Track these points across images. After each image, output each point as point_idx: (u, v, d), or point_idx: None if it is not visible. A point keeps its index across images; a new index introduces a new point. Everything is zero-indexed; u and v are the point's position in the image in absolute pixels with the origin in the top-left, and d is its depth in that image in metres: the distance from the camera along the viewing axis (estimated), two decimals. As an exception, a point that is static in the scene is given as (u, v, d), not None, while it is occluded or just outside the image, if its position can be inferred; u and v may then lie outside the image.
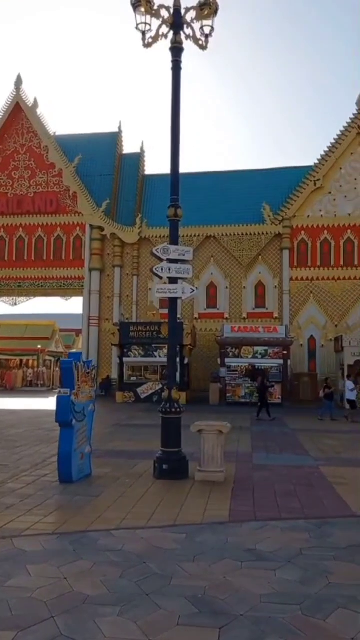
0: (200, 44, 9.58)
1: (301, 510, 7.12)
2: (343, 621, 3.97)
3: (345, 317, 29.25)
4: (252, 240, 30.29)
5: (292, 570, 4.97)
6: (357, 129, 29.82)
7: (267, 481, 8.80)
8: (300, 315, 29.73)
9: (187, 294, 9.71)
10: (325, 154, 30.12)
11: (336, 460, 11.08)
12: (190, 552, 5.45)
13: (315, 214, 30.21)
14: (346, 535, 6.02)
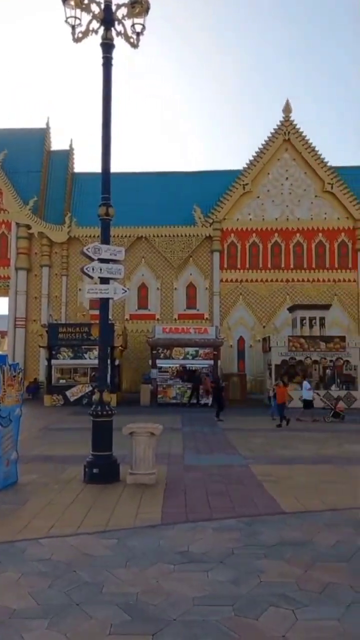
0: (132, 41, 9.48)
1: (232, 509, 7.19)
2: (274, 619, 4.01)
3: (273, 318, 30.08)
4: (183, 242, 30.50)
5: (224, 571, 4.98)
6: (283, 135, 30.75)
7: (198, 482, 8.82)
8: (230, 316, 30.26)
9: (119, 294, 9.58)
10: (253, 159, 30.84)
11: (265, 458, 11.31)
12: (121, 557, 5.34)
13: (244, 217, 30.87)
14: (276, 533, 6.12)
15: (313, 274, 30.40)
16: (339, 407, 19.23)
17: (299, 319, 26.52)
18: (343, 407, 19.56)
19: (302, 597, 4.40)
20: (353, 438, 14.60)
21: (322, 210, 30.77)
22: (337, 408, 19.15)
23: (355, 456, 11.61)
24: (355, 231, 30.33)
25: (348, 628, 3.88)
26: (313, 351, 25.08)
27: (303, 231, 30.65)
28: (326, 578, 4.79)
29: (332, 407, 19.37)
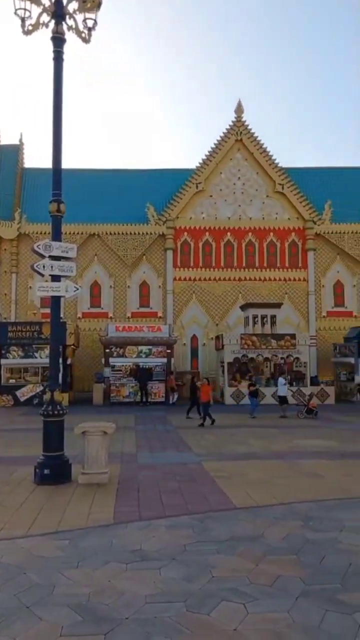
0: (83, 36, 9.37)
1: (185, 506, 7.23)
2: (226, 613, 4.06)
3: (226, 316, 30.41)
4: (137, 240, 30.40)
5: (177, 568, 5.00)
6: (235, 135, 31.12)
7: (151, 480, 8.83)
8: (183, 314, 30.39)
9: (71, 292, 9.46)
10: (206, 158, 31.07)
11: (217, 455, 11.43)
12: (73, 558, 5.28)
13: (197, 216, 31.06)
14: (227, 528, 6.20)
15: (265, 273, 30.91)
16: (312, 404, 19.73)
17: (251, 317, 26.94)
18: (316, 404, 20.06)
19: (253, 590, 4.48)
20: (303, 433, 14.95)
21: (273, 210, 31.32)
22: (310, 404, 19.63)
23: (305, 451, 11.90)
24: (305, 231, 31.03)
25: (297, 619, 3.97)
26: (265, 349, 25.53)
27: (255, 231, 31.11)
28: (276, 571, 4.89)
29: (306, 404, 19.82)
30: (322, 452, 11.79)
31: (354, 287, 31.21)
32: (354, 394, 25.88)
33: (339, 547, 5.53)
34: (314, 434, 14.75)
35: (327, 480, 8.88)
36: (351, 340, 26.90)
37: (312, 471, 9.62)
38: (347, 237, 30.96)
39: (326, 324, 30.81)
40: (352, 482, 8.76)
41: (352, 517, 6.62)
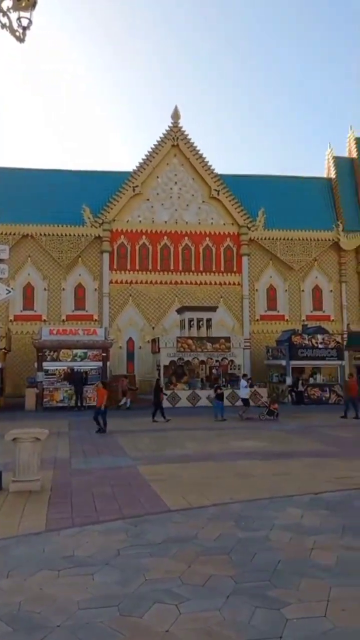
0: (17, 35, 9.17)
1: (119, 510, 7.22)
2: (159, 615, 4.10)
3: (162, 319, 30.55)
4: (72, 242, 30.00)
5: (110, 572, 5.00)
6: (172, 141, 31.40)
7: (85, 485, 8.75)
8: (119, 317, 30.27)
9: (3, 295, 9.24)
10: (143, 162, 31.15)
11: (153, 458, 11.47)
12: (4, 567, 5.16)
13: (134, 219, 31.06)
14: (162, 531, 6.25)
15: (201, 276, 31.32)
16: (273, 406, 20.09)
17: (187, 320, 27.20)
18: (277, 406, 20.52)
19: (186, 591, 4.55)
20: (237, 435, 15.25)
21: (209, 216, 31.82)
22: (272, 406, 19.99)
23: (238, 452, 12.16)
24: (239, 237, 31.71)
25: (228, 616, 4.07)
26: (200, 352, 25.84)
27: (191, 235, 31.49)
28: (209, 571, 4.99)
29: (267, 406, 20.19)
30: (254, 452, 12.09)
31: (285, 292, 32.20)
32: (285, 395, 26.64)
33: (269, 545, 5.71)
34: (248, 436, 15.09)
35: (259, 480, 9.12)
36: (283, 343, 27.69)
37: (245, 472, 9.85)
38: (280, 243, 31.92)
39: (259, 327, 31.59)
40: (283, 481, 9.05)
41: (282, 515, 6.85)
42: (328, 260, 32.72)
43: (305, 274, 32.48)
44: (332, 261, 32.75)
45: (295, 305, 32.22)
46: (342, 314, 32.36)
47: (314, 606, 4.22)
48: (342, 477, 9.23)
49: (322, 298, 32.64)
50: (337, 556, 5.34)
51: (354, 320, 32.25)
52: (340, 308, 32.48)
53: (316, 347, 26.80)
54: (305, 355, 26.60)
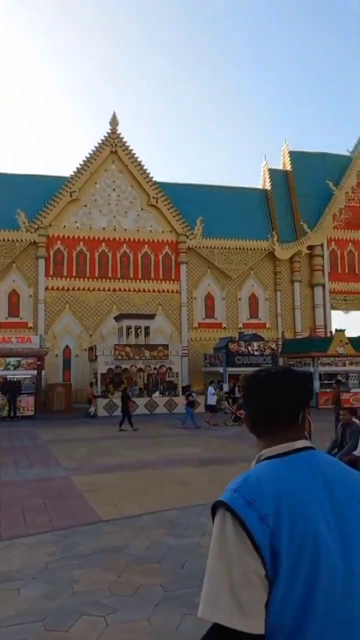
0: None
1: (49, 523, 7.04)
2: (85, 628, 4.02)
3: (100, 326, 30.24)
4: (5, 247, 29.21)
5: (37, 586, 4.86)
6: (110, 147, 31.28)
7: (15, 498, 8.47)
8: (55, 324, 29.70)
9: None
10: (81, 167, 30.84)
11: (87, 468, 11.28)
12: None
13: (72, 225, 30.66)
14: (92, 542, 6.14)
15: (139, 284, 31.28)
16: (239, 412, 20.18)
17: (125, 327, 27.08)
18: (242, 412, 20.42)
19: (114, 602, 4.48)
20: (174, 442, 15.28)
21: (147, 223, 31.87)
22: (238, 413, 20.13)
23: (174, 459, 12.17)
24: (178, 245, 31.94)
25: (156, 625, 4.05)
26: (138, 359, 25.77)
27: (129, 242, 31.42)
28: (138, 580, 4.94)
29: (233, 412, 20.38)
30: (190, 460, 12.14)
31: (223, 300, 32.68)
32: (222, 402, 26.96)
33: (200, 552, 5.72)
34: (185, 443, 15.14)
35: (194, 487, 9.16)
36: (220, 351, 28.09)
37: (180, 479, 9.87)
38: (217, 252, 32.40)
39: (197, 335, 31.87)
40: (217, 487, 9.08)
41: (214, 521, 6.88)
42: (264, 270, 33.51)
43: (241, 283, 33.11)
44: (268, 270, 33.58)
45: (232, 313, 32.76)
46: (277, 322, 33.19)
47: (241, 610, 4.25)
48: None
49: (258, 306, 33.36)
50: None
51: (288, 327, 33.16)
52: (275, 316, 33.31)
53: (252, 354, 27.36)
54: (241, 362, 27.08)
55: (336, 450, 8.50)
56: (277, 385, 1.46)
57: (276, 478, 1.30)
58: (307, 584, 1.20)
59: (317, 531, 1.23)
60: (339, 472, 1.37)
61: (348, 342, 28.42)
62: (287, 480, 1.29)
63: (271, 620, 1.20)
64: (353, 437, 8.31)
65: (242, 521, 1.22)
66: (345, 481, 1.35)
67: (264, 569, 1.20)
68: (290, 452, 1.38)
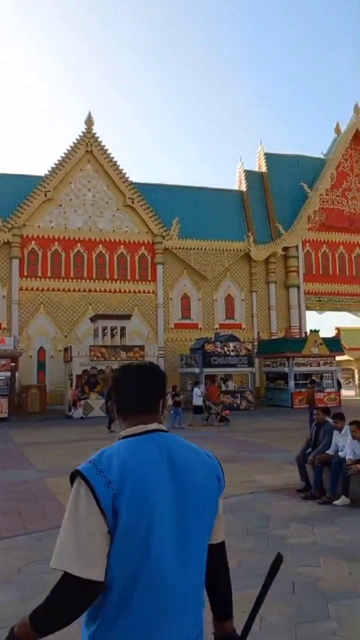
0: None
1: (22, 526, 6.95)
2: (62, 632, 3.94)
3: (75, 327, 30.01)
4: (-21, 247, 28.77)
5: (10, 591, 4.79)
6: (86, 147, 31.08)
7: (-12, 501, 8.35)
8: (30, 325, 29.38)
9: None
10: (55, 167, 30.58)
11: (61, 470, 11.12)
12: None
13: (46, 224, 30.37)
14: (66, 544, 6.07)
15: (115, 284, 31.14)
16: (225, 412, 20.42)
17: (101, 328, 26.93)
18: (229, 412, 20.93)
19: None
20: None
21: (123, 224, 31.77)
22: (224, 413, 20.32)
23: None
24: (154, 245, 31.90)
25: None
26: (114, 360, 25.62)
27: (105, 242, 31.27)
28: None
29: (219, 412, 20.41)
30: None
31: (199, 301, 32.76)
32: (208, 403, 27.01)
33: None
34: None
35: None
36: (196, 351, 28.14)
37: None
38: (193, 253, 32.47)
39: (174, 336, 31.88)
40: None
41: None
42: (240, 271, 33.70)
43: (218, 283, 33.23)
44: (244, 271, 33.77)
45: (209, 314, 32.86)
46: (252, 323, 33.40)
47: (215, 610, 4.26)
48: (247, 480, 9.47)
49: (234, 307, 33.53)
50: (240, 559, 5.45)
51: (264, 328, 33.41)
52: (251, 317, 33.52)
53: (228, 355, 27.47)
54: (217, 362, 27.19)
55: (310, 450, 8.60)
56: (136, 377, 1.72)
57: (126, 453, 1.55)
58: (141, 547, 1.45)
59: (155, 501, 1.49)
60: (182, 449, 1.65)
61: (322, 343, 28.80)
62: (136, 455, 1.55)
63: (111, 573, 1.44)
64: (326, 436, 8.42)
65: (91, 487, 1.46)
66: (186, 457, 1.63)
67: (107, 526, 1.44)
68: (143, 433, 1.63)
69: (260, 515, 7.12)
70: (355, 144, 37.26)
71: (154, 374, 1.75)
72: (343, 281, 35.61)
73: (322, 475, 8.10)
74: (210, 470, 1.68)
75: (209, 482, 1.65)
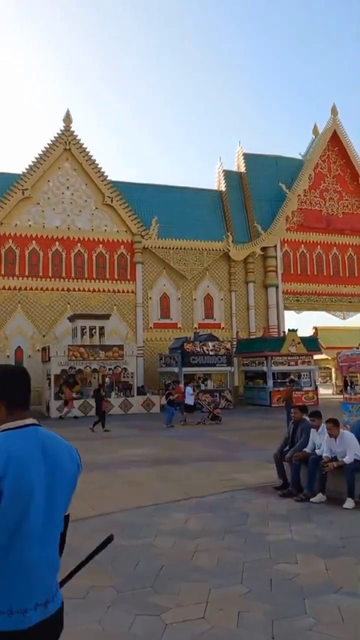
0: None
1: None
2: (34, 634, 3.93)
3: (53, 327, 29.75)
4: None
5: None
6: (64, 144, 30.84)
7: None
8: (7, 325, 29.03)
9: None
10: (33, 165, 30.27)
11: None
12: None
13: (24, 223, 30.05)
14: (44, 545, 6.01)
15: (93, 284, 30.96)
16: (216, 411, 20.62)
17: (79, 328, 26.75)
18: (220, 411, 21.14)
19: (65, 605, 4.39)
20: (128, 443, 15.20)
21: (102, 222, 31.59)
22: (215, 411, 20.52)
23: (127, 460, 12.12)
24: (133, 245, 31.79)
25: (107, 627, 4.01)
26: (93, 360, 25.50)
27: (84, 241, 31.05)
28: (90, 583, 4.88)
29: (211, 411, 20.66)
30: (144, 460, 12.11)
31: (178, 300, 32.76)
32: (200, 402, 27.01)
33: (152, 552, 5.71)
34: (138, 443, 15.10)
35: (146, 488, 9.14)
36: (175, 351, 28.13)
37: (133, 480, 9.83)
38: (172, 252, 32.45)
39: (153, 335, 31.82)
40: (170, 487, 9.13)
41: (167, 520, 6.90)
42: (219, 270, 33.80)
43: (197, 283, 33.27)
44: (223, 271, 33.88)
45: (188, 314, 32.88)
46: (231, 322, 33.52)
47: (193, 609, 4.28)
48: (225, 479, 9.51)
49: (213, 306, 33.61)
50: (218, 557, 5.47)
51: (243, 327, 33.56)
52: (230, 316, 33.63)
53: (207, 354, 27.53)
54: (196, 362, 27.22)
55: (288, 448, 8.67)
56: (14, 379, 2.09)
57: (8, 443, 1.90)
58: (18, 518, 1.84)
59: (32, 483, 1.87)
60: (53, 442, 2.04)
61: (300, 342, 29.04)
62: (16, 444, 1.91)
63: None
64: (304, 434, 8.49)
65: None
66: (54, 446, 2.03)
67: None
68: (22, 427, 1.99)
69: (238, 513, 7.15)
70: (332, 145, 37.67)
71: (26, 376, 2.12)
72: (320, 281, 35.97)
73: (299, 472, 8.17)
74: (73, 458, 2.10)
75: (71, 467, 2.07)
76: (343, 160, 37.79)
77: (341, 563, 5.28)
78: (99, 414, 18.60)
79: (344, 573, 5.01)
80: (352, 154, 37.65)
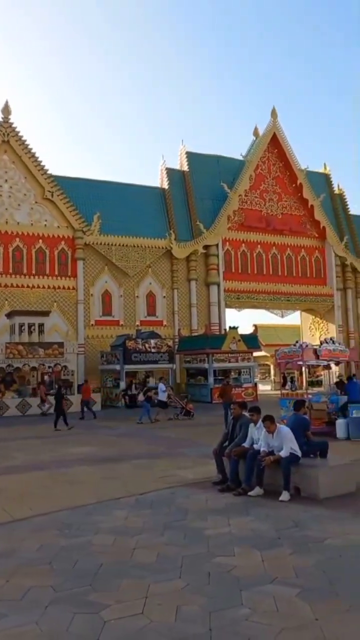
0: None
1: None
2: (-31, 638, 3.84)
3: (-9, 324, 28.85)
4: None
5: None
6: (2, 136, 29.96)
7: None
8: None
9: None
10: (-31, 157, 29.24)
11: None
12: None
13: None
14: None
15: (33, 280, 30.26)
16: (189, 407, 20.87)
17: (18, 325, 26.15)
18: (192, 406, 21.36)
19: (2, 607, 4.33)
20: (70, 442, 15.02)
21: (42, 217, 30.93)
22: (188, 407, 20.81)
23: (68, 459, 11.98)
24: (74, 240, 31.30)
25: (45, 627, 3.97)
26: (32, 358, 25.02)
27: (23, 236, 30.30)
28: (28, 583, 4.82)
29: (183, 406, 20.85)
30: (85, 458, 12.01)
31: (120, 297, 32.57)
32: (119, 399, 26.94)
33: (92, 550, 5.70)
34: (80, 442, 14.94)
35: (88, 486, 9.08)
36: (117, 348, 28.00)
37: (74, 478, 9.74)
38: (115, 249, 32.22)
39: (94, 332, 31.48)
40: (111, 484, 9.11)
41: (107, 518, 6.89)
42: (161, 268, 33.86)
43: (139, 280, 33.20)
44: (165, 268, 33.96)
45: (130, 311, 32.76)
46: (173, 320, 33.68)
47: (132, 605, 4.31)
48: (166, 475, 9.59)
49: (155, 304, 33.64)
50: (158, 553, 5.52)
51: (185, 325, 33.79)
52: (172, 314, 33.77)
53: (149, 352, 27.57)
54: (138, 359, 27.22)
55: (227, 443, 8.84)
56: None
57: None
58: None
59: None
60: None
61: (240, 339, 29.60)
62: None
63: None
64: (242, 429, 8.69)
65: None
66: None
67: None
68: None
69: (178, 509, 7.24)
70: (272, 147, 38.52)
71: None
72: (260, 280, 36.74)
73: (237, 467, 8.36)
74: None
75: None
76: (282, 162, 38.76)
77: (276, 554, 5.45)
78: (58, 411, 18.22)
79: (279, 564, 5.18)
80: (290, 156, 38.66)
